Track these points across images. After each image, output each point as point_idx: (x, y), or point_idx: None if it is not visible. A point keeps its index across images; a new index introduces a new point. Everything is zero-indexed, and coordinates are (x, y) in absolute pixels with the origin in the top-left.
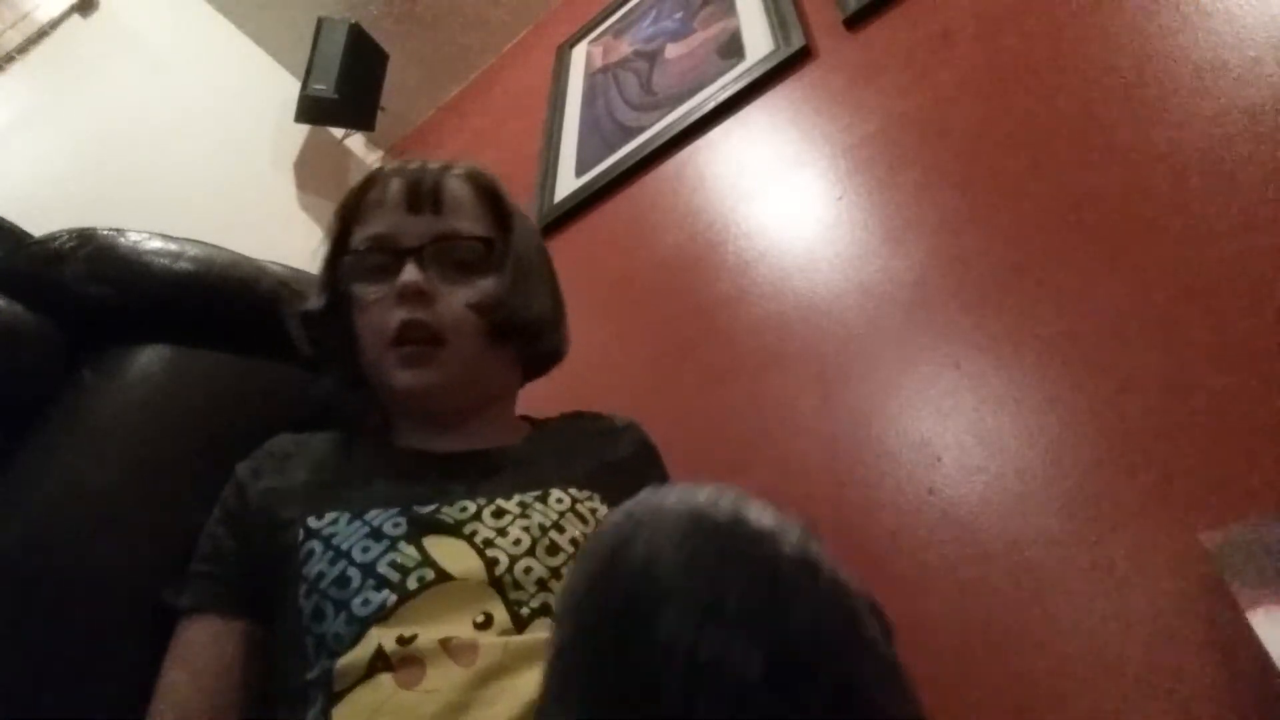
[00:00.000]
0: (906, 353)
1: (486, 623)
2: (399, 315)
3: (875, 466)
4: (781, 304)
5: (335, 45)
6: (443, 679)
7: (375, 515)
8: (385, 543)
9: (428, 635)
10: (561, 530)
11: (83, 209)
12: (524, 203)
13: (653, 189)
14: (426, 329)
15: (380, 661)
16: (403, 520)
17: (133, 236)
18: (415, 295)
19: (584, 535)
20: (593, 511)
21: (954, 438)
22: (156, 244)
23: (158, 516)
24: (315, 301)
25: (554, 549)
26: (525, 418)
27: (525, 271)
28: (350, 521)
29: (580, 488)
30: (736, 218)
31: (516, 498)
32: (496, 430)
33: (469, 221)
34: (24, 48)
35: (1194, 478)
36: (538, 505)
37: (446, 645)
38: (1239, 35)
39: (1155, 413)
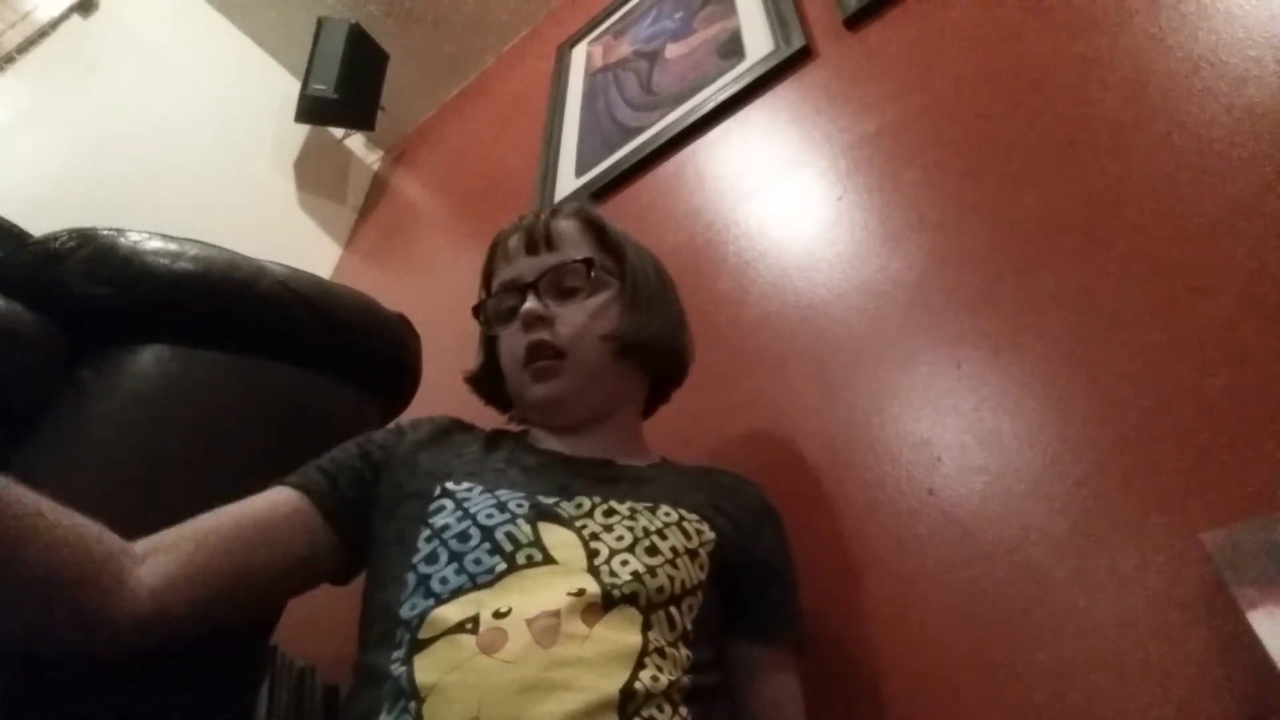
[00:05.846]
0: (906, 353)
1: (579, 594)
2: (526, 340)
3: (875, 466)
4: (781, 304)
5: (335, 45)
6: (521, 653)
7: (504, 493)
8: (507, 515)
9: (520, 611)
10: (664, 537)
11: (83, 209)
12: (524, 202)
13: (653, 189)
14: (549, 346)
15: (470, 623)
16: (526, 504)
17: (133, 236)
18: (535, 321)
19: (684, 547)
20: (698, 532)
21: (954, 438)
22: (156, 244)
23: (157, 517)
24: (476, 362)
25: (653, 550)
26: (663, 458)
27: (639, 289)
28: (483, 493)
29: (690, 511)
30: (736, 218)
31: (628, 504)
32: (625, 444)
33: (576, 252)
34: (24, 48)
35: (1194, 478)
36: (646, 513)
37: (532, 624)
38: (1239, 35)
39: (1155, 412)
